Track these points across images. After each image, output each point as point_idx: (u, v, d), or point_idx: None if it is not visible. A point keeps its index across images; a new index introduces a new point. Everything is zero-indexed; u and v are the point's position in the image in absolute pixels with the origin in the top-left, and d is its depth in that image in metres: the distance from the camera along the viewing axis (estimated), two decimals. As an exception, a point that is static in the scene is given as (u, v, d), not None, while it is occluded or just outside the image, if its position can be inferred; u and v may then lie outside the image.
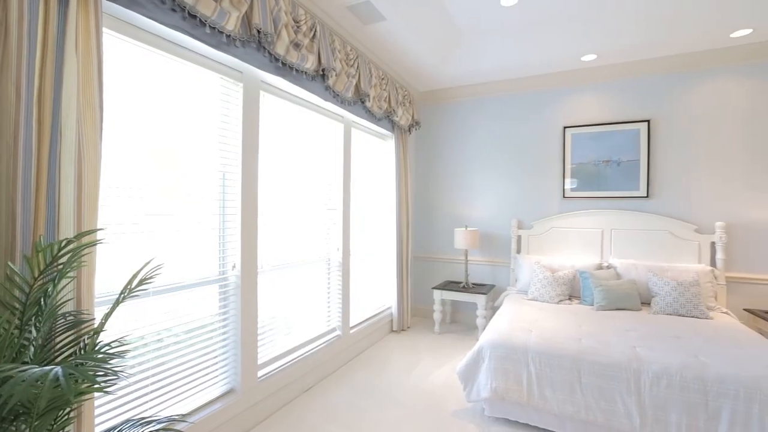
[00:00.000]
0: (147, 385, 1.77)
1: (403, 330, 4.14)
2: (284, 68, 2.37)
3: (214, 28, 1.85)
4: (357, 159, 3.61)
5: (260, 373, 2.38)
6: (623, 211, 3.66)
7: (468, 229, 4.03)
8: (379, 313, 3.92)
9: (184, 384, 1.95)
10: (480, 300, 3.77)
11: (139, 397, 1.73)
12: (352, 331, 3.36)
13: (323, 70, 2.63)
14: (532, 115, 4.11)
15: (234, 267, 2.22)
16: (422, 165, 4.72)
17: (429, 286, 4.63)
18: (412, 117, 4.16)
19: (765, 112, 3.26)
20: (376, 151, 4.02)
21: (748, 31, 3.02)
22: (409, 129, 4.21)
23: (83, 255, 1.18)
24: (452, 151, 4.53)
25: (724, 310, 3.08)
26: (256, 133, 2.30)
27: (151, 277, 1.21)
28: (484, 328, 3.70)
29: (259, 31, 2.05)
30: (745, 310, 3.23)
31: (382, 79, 3.52)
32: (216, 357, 2.13)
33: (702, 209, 3.45)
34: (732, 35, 3.10)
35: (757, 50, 3.23)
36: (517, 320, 2.72)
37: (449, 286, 4.09)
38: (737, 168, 3.34)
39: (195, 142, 2.01)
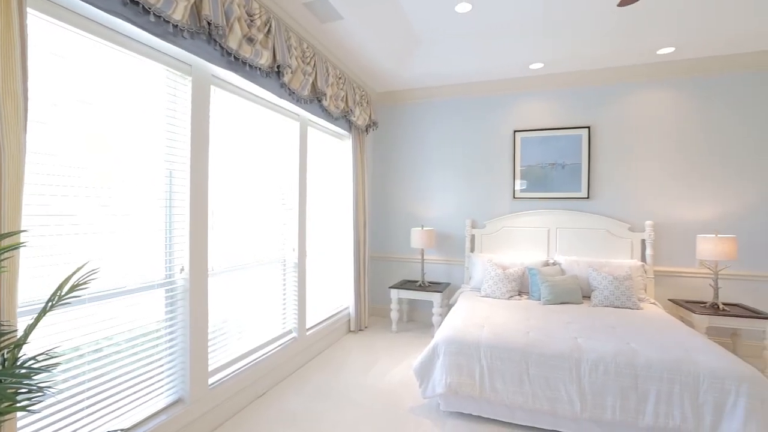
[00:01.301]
0: (83, 400, 1.63)
1: (360, 330, 4.14)
2: (237, 63, 2.28)
3: (159, 16, 1.74)
4: (313, 158, 3.56)
5: (211, 380, 2.28)
6: (567, 210, 3.91)
7: (424, 228, 4.12)
8: (336, 314, 3.89)
9: (126, 396, 1.82)
10: (436, 298, 3.87)
11: (74, 413, 1.59)
12: (308, 333, 3.31)
13: (278, 67, 2.57)
14: (485, 118, 4.28)
15: (182, 270, 2.10)
16: (379, 165, 4.75)
17: (386, 286, 4.67)
18: (370, 117, 4.17)
19: (686, 123, 3.63)
20: (333, 150, 3.99)
21: (672, 49, 3.35)
22: (367, 129, 4.22)
23: (3, 259, 1.06)
24: (409, 152, 4.60)
25: (652, 300, 3.39)
26: (206, 129, 2.20)
27: (84, 283, 1.12)
28: (439, 326, 3.79)
29: (209, 23, 1.96)
30: (669, 300, 3.58)
31: (340, 78, 3.50)
32: (162, 366, 2.01)
33: (634, 209, 3.77)
34: (658, 52, 3.42)
35: (679, 67, 3.59)
36: (470, 317, 2.82)
37: (406, 285, 4.15)
38: (664, 172, 3.69)
39: (137, 137, 1.88)
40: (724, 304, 3.33)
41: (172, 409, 2.02)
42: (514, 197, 4.13)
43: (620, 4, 2.21)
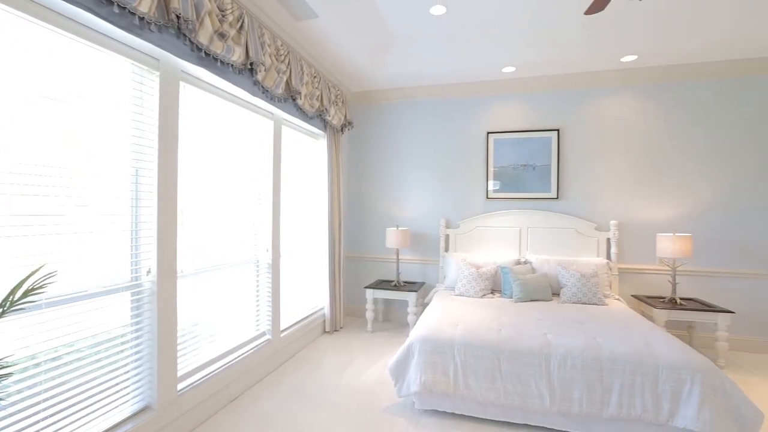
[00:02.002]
0: (40, 411, 1.55)
1: (336, 330, 4.12)
2: (208, 59, 2.22)
3: (124, 8, 1.67)
4: (288, 158, 3.51)
5: (180, 385, 2.21)
6: (538, 210, 4.03)
7: (399, 228, 4.14)
8: (311, 315, 3.86)
9: (89, 406, 1.73)
10: (411, 297, 3.90)
11: (29, 426, 1.50)
12: (283, 335, 3.26)
13: (251, 64, 2.51)
14: (459, 119, 4.34)
15: (149, 272, 2.03)
16: (355, 165, 4.73)
17: (361, 286, 4.67)
18: (345, 117, 4.15)
19: (648, 128, 3.82)
20: (308, 150, 3.94)
21: (635, 57, 3.52)
22: (342, 129, 4.20)
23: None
24: (384, 152, 4.61)
25: (617, 297, 3.55)
26: (176, 127, 2.12)
27: (41, 287, 1.06)
28: (415, 325, 3.82)
29: (178, 17, 1.89)
30: (632, 296, 3.76)
31: (315, 77, 3.47)
32: (128, 372, 1.93)
33: (600, 209, 3.94)
34: (622, 59, 3.58)
35: (641, 74, 3.78)
36: (444, 315, 2.86)
37: (381, 285, 4.16)
38: (627, 174, 3.87)
39: (101, 133, 1.80)
40: (681, 298, 3.53)
41: (138, 417, 1.94)
42: (487, 197, 4.22)
43: (587, 12, 2.30)
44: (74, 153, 1.69)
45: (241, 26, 2.39)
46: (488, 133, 4.21)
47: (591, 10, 2.28)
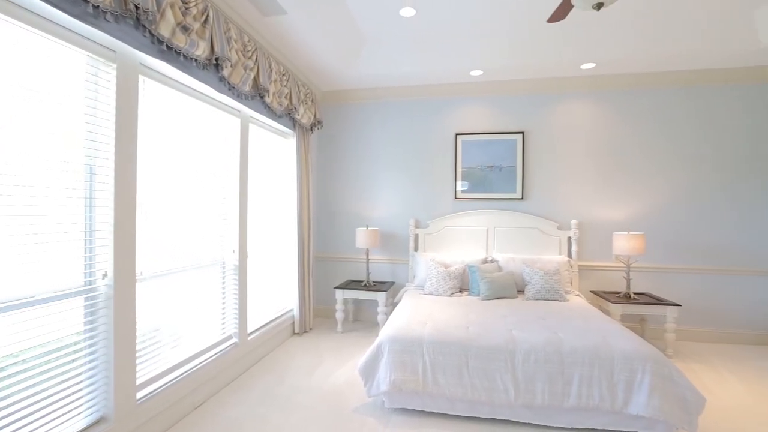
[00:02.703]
0: (-21, 427, 1.43)
1: (305, 332, 4.07)
2: (170, 52, 2.13)
3: (76, -4, 1.57)
4: (256, 156, 3.43)
5: (140, 394, 2.11)
6: (504, 210, 4.16)
7: (369, 228, 4.15)
8: (280, 316, 3.79)
9: (36, 420, 1.62)
10: (381, 297, 3.91)
11: (-33, 444, 1.39)
12: (250, 338, 3.18)
13: (217, 60, 2.44)
14: (429, 121, 4.40)
15: (105, 275, 1.92)
16: (324, 164, 4.69)
17: (331, 286, 4.64)
18: (315, 116, 4.11)
19: (605, 132, 4.03)
20: (277, 148, 3.87)
21: (593, 65, 3.70)
22: (312, 128, 4.15)
23: None
24: (354, 152, 4.60)
25: (577, 292, 3.73)
26: (134, 121, 2.02)
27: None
28: (384, 324, 3.84)
29: (137, 7, 1.80)
30: (591, 291, 3.96)
31: (283, 74, 3.41)
32: (81, 382, 1.82)
33: (562, 209, 4.12)
34: (582, 67, 3.75)
35: (600, 81, 3.98)
36: (414, 314, 2.90)
37: (351, 285, 4.15)
38: (586, 176, 4.07)
39: (51, 128, 1.68)
40: (635, 293, 3.75)
41: (93, 429, 1.83)
42: (455, 197, 4.31)
43: (549, 20, 2.40)
44: (23, 150, 1.57)
45: (206, 20, 2.31)
46: (456, 134, 4.29)
47: (553, 19, 2.38)
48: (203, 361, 2.60)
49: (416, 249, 4.34)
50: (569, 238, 4.05)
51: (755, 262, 3.77)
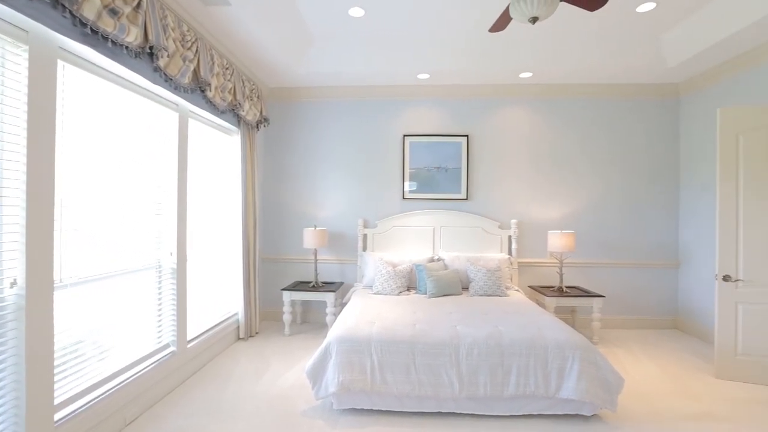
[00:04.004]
0: None
1: (251, 336, 3.92)
2: (95, 37, 1.94)
3: (-23, -34, 1.38)
4: (196, 153, 3.23)
5: (59, 415, 1.90)
6: (449, 210, 4.31)
7: (317, 228, 4.09)
8: (223, 321, 3.61)
9: (-75, 451, 1.40)
10: (329, 298, 3.88)
11: None
12: (190, 345, 3.00)
13: (151, 48, 2.27)
14: (378, 121, 4.44)
15: (14, 284, 1.70)
16: (271, 163, 4.55)
17: (278, 288, 4.51)
18: (261, 113, 3.97)
19: (541, 137, 4.33)
20: (220, 146, 3.68)
21: (530, 74, 3.96)
22: (258, 125, 4.01)
23: None
24: (303, 151, 4.51)
25: (516, 288, 3.96)
26: (52, 110, 1.82)
27: None
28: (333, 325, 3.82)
29: (54, -15, 1.63)
30: (529, 286, 4.23)
31: (227, 68, 3.25)
32: (-16, 405, 1.60)
33: (503, 209, 4.36)
34: (520, 75, 4.00)
35: (537, 90, 4.27)
36: (362, 314, 2.91)
37: (299, 286, 4.07)
38: (525, 178, 4.34)
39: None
40: (567, 287, 4.07)
41: (0, 456, 1.62)
42: (403, 198, 4.39)
43: (491, 30, 2.53)
44: None
45: (139, 4, 2.13)
46: (405, 135, 4.38)
47: (494, 29, 2.51)
48: (136, 374, 2.41)
49: (365, 249, 4.36)
50: (510, 237, 4.30)
51: (661, 256, 4.27)
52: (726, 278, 2.96)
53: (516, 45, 3.38)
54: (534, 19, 2.06)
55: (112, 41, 2.02)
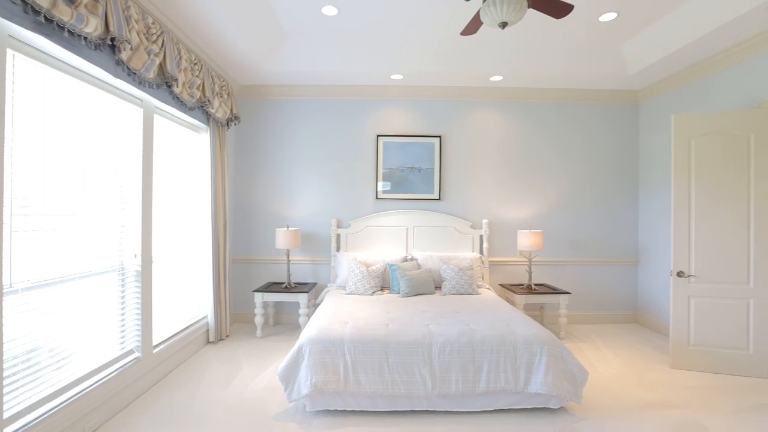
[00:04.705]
0: None
1: (221, 339, 3.82)
2: (50, 26, 1.84)
3: None
4: (163, 151, 3.11)
5: (9, 429, 1.78)
6: (423, 210, 4.36)
7: (290, 228, 4.04)
8: (192, 325, 3.49)
9: None
10: (302, 299, 3.83)
11: None
12: (156, 350, 2.89)
13: (113, 40, 2.17)
14: (350, 120, 4.43)
15: (-40, 289, 1.59)
16: (242, 162, 4.45)
17: (250, 290, 4.42)
18: (231, 110, 3.87)
19: (511, 139, 4.45)
20: (188, 143, 3.56)
21: (500, 77, 4.06)
22: (228, 123, 3.91)
23: None
24: (275, 150, 4.44)
25: (488, 286, 4.06)
26: (1, 104, 1.70)
27: None
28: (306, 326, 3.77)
29: (4, -30, 1.53)
30: (500, 284, 4.34)
31: (195, 64, 3.15)
32: (-76, 421, 1.48)
33: (475, 209, 4.45)
34: (491, 78, 4.10)
35: (507, 93, 4.39)
36: (335, 314, 2.89)
37: (271, 287, 4.00)
38: (496, 179, 4.45)
39: None
40: (535, 284, 4.21)
41: (-58, 476, 1.51)
42: (377, 198, 4.40)
43: (462, 33, 2.58)
44: None
45: (98, -6, 2.03)
46: (378, 135, 4.39)
47: (466, 32, 2.56)
48: (97, 381, 2.29)
49: (338, 249, 4.34)
50: (481, 236, 4.39)
51: (623, 254, 4.49)
52: (680, 274, 3.15)
53: (487, 49, 3.46)
54: (503, 24, 2.12)
55: (69, 31, 1.91)
